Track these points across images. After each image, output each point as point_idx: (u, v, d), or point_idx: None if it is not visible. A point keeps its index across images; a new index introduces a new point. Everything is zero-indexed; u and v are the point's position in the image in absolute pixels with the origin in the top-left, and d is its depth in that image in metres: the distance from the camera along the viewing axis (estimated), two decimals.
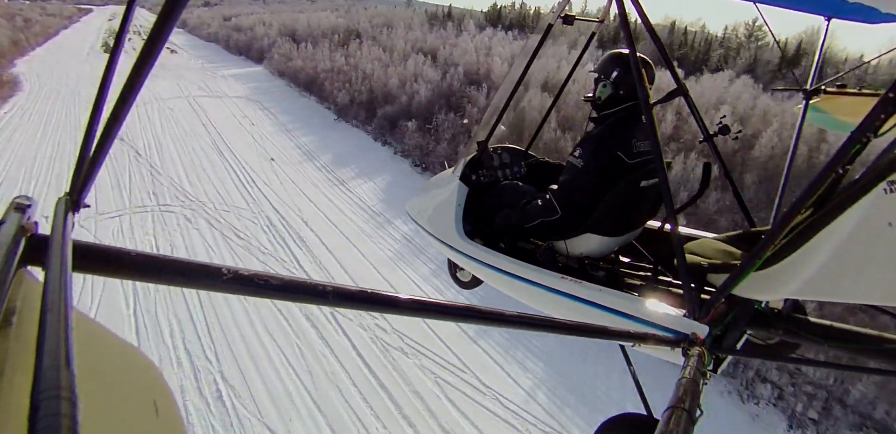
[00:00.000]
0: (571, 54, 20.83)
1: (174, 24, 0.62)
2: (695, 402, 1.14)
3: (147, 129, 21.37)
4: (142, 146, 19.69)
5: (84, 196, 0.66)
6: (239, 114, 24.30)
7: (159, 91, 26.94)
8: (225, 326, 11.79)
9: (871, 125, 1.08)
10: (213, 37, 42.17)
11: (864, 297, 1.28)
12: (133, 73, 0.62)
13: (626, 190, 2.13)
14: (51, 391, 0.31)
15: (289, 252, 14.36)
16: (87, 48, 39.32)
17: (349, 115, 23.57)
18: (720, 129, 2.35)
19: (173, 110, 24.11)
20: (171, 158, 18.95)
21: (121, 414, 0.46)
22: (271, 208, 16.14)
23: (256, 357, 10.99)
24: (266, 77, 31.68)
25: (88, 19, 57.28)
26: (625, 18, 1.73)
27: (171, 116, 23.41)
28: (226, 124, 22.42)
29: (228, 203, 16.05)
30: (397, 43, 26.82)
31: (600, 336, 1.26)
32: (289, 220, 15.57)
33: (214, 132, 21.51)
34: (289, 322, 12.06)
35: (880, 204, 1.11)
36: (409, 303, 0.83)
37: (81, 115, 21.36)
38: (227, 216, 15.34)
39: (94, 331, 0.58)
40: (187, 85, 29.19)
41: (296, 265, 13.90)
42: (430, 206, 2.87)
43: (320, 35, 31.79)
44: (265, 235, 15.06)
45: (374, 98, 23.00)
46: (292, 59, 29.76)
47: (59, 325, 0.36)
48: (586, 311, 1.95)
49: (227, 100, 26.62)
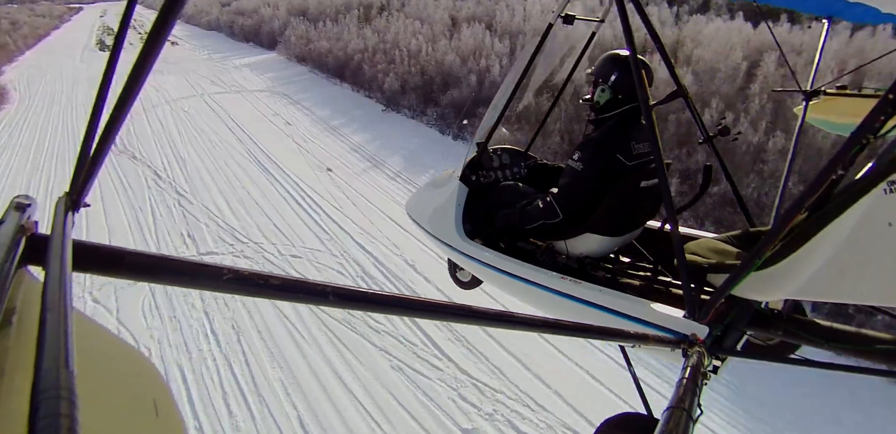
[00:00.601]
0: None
1: (176, 19, 0.62)
2: (695, 402, 1.14)
3: (163, 141, 16.23)
4: (161, 164, 14.07)
5: (84, 196, 0.66)
6: (268, 111, 19.08)
7: (168, 89, 22.51)
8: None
9: (871, 126, 1.08)
10: (214, 24, 38.67)
11: (864, 297, 1.28)
12: (135, 69, 0.62)
13: (626, 190, 2.13)
14: (51, 391, 0.31)
15: (420, 334, 7.31)
16: (81, 47, 35.16)
17: (400, 103, 17.55)
18: (720, 131, 2.36)
19: (189, 113, 19.30)
20: (200, 179, 13.24)
21: (121, 414, 0.46)
22: (356, 246, 9.62)
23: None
24: (284, 64, 26.50)
25: (80, 17, 53.93)
26: (625, 18, 1.73)
27: (188, 121, 18.29)
28: (257, 126, 17.30)
29: (294, 242, 10.01)
30: (434, 13, 21.30)
31: (600, 336, 1.26)
32: (389, 266, 8.84)
33: (246, 137, 16.30)
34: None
35: (880, 204, 1.11)
36: (409, 303, 0.83)
37: (80, 129, 17.88)
38: (300, 265, 9.25)
39: (94, 331, 0.58)
40: (198, 80, 24.24)
41: (454, 370, 6.62)
42: (431, 206, 2.88)
43: (334, 12, 27.37)
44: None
45: (429, 81, 17.22)
46: (313, 41, 24.59)
47: (59, 325, 0.36)
48: (586, 311, 1.95)
49: (249, 95, 21.60)
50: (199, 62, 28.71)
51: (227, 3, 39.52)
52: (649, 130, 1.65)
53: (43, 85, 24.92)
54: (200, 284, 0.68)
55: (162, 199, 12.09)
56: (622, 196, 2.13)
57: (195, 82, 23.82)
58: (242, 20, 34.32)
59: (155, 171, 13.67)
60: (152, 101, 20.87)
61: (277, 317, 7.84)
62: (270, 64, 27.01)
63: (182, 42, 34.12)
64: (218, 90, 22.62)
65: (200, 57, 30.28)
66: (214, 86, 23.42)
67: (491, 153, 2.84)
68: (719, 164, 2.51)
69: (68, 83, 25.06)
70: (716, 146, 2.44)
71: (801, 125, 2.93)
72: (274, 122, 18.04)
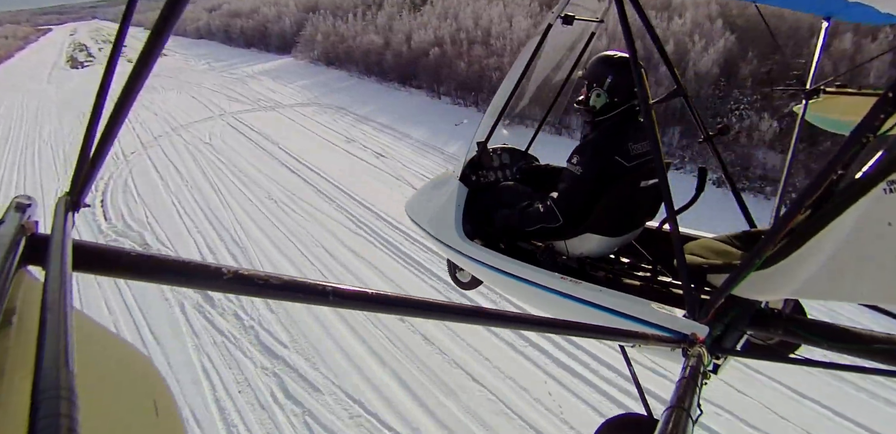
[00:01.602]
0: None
1: (180, 14, 0.61)
2: (694, 402, 1.14)
3: (186, 202, 9.70)
4: (195, 252, 8.03)
5: (84, 196, 0.67)
6: (334, 136, 12.80)
7: (172, 111, 15.96)
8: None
9: (871, 125, 1.08)
10: (204, 31, 34.35)
11: (864, 297, 1.28)
12: (135, 69, 0.62)
13: (625, 191, 2.13)
14: (51, 391, 0.31)
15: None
16: (50, 66, 29.67)
17: (526, 115, 9.23)
18: (720, 130, 2.36)
19: (215, 145, 12.59)
20: (316, 319, 6.52)
21: (121, 414, 0.47)
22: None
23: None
24: (311, 69, 20.99)
25: (49, 38, 49.77)
26: (624, 18, 1.73)
27: (218, 160, 11.53)
28: (338, 165, 10.61)
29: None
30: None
31: (600, 336, 1.27)
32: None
33: (335, 189, 9.51)
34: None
35: (880, 204, 1.11)
36: (409, 303, 0.83)
37: (46, 179, 11.86)
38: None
39: (94, 331, 0.58)
40: (209, 96, 18.06)
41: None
42: (430, 206, 2.88)
43: (352, 4, 22.04)
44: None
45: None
46: (349, 38, 19.44)
47: (59, 325, 0.37)
48: (586, 311, 1.96)
49: (289, 111, 15.40)
50: (201, 73, 23.09)
51: (216, 8, 35.88)
52: (649, 130, 1.65)
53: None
54: (201, 284, 0.68)
55: (215, 346, 6.11)
56: (622, 196, 2.13)
57: (206, 99, 17.45)
58: (241, 23, 29.99)
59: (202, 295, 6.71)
60: (151, 129, 14.07)
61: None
62: (293, 70, 21.11)
63: (171, 52, 28.89)
64: (243, 108, 16.22)
65: (199, 67, 24.97)
66: (235, 102, 17.01)
67: (491, 153, 2.85)
68: (719, 163, 2.52)
69: (30, 114, 18.34)
70: (716, 145, 2.45)
71: (800, 124, 2.93)
72: (357, 154, 11.33)
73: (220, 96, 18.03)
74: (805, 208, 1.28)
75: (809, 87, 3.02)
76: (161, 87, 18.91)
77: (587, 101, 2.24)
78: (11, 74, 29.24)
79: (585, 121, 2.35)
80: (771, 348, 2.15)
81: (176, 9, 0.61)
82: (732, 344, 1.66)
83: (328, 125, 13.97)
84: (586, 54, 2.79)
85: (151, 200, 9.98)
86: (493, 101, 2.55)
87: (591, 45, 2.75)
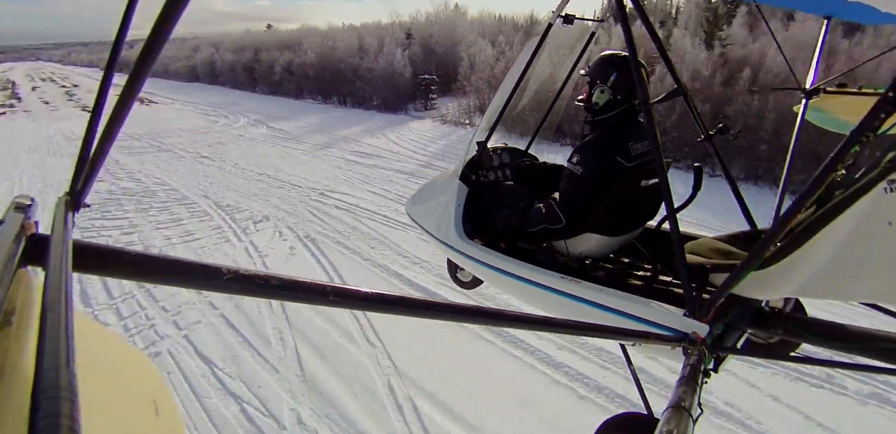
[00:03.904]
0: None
1: (182, 12, 0.61)
2: (695, 401, 1.14)
3: None
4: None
5: (84, 196, 0.66)
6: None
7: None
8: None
9: (871, 124, 1.08)
10: (205, 69, 28.61)
11: (864, 296, 1.28)
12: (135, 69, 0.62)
13: (625, 190, 2.13)
14: (51, 391, 0.31)
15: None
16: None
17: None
18: (720, 129, 2.36)
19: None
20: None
21: (121, 414, 0.47)
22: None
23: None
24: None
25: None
26: (625, 18, 1.73)
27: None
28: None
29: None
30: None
31: (601, 335, 1.26)
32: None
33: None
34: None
35: (880, 203, 1.10)
36: (409, 302, 0.83)
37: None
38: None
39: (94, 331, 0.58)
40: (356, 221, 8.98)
41: None
42: (430, 206, 2.88)
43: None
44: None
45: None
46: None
47: (59, 325, 0.37)
48: (587, 310, 1.96)
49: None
50: (241, 142, 12.95)
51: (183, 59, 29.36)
52: (649, 129, 1.65)
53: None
54: (201, 284, 0.68)
55: None
56: (622, 196, 2.13)
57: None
58: (311, 59, 17.23)
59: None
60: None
61: None
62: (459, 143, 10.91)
63: (169, 101, 18.06)
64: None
65: (257, 133, 14.03)
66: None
67: (491, 152, 2.85)
68: (719, 163, 2.52)
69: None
70: (715, 145, 2.44)
71: (800, 123, 2.93)
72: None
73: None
74: (805, 208, 1.28)
75: (809, 86, 3.02)
76: (169, 171, 11.92)
77: (589, 99, 2.25)
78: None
79: (585, 120, 2.35)
80: (771, 347, 2.15)
81: (178, 4, 0.60)
82: (733, 343, 1.66)
83: None
84: (586, 54, 2.79)
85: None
86: (492, 101, 2.55)
87: (591, 46, 2.75)
